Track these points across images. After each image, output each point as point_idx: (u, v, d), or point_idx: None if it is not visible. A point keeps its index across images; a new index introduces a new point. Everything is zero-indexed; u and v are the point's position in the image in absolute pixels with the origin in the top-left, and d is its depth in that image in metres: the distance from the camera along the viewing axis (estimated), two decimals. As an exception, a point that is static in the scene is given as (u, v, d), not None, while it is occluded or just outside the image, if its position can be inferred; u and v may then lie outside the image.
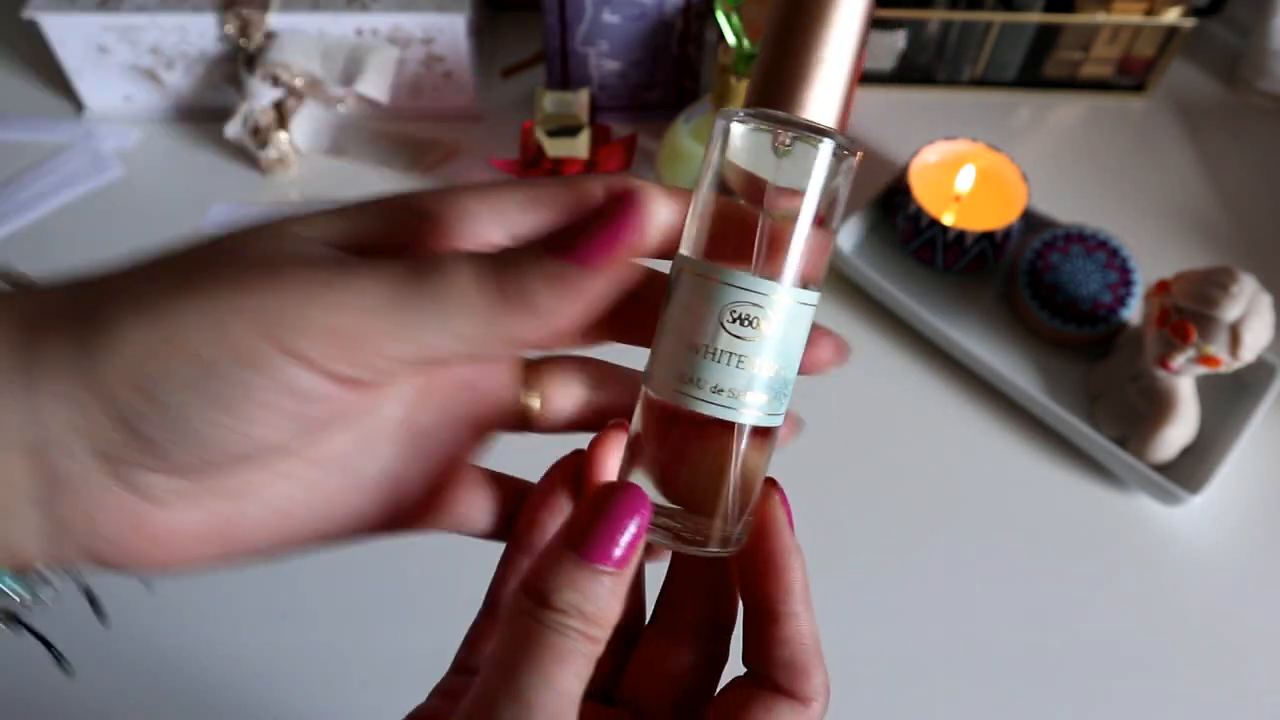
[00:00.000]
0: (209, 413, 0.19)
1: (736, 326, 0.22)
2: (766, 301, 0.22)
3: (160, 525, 0.20)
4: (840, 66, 0.22)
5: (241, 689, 0.50)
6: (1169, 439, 0.56)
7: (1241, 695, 0.51)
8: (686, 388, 0.22)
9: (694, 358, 0.22)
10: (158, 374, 0.18)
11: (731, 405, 0.22)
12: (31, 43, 0.73)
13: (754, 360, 0.22)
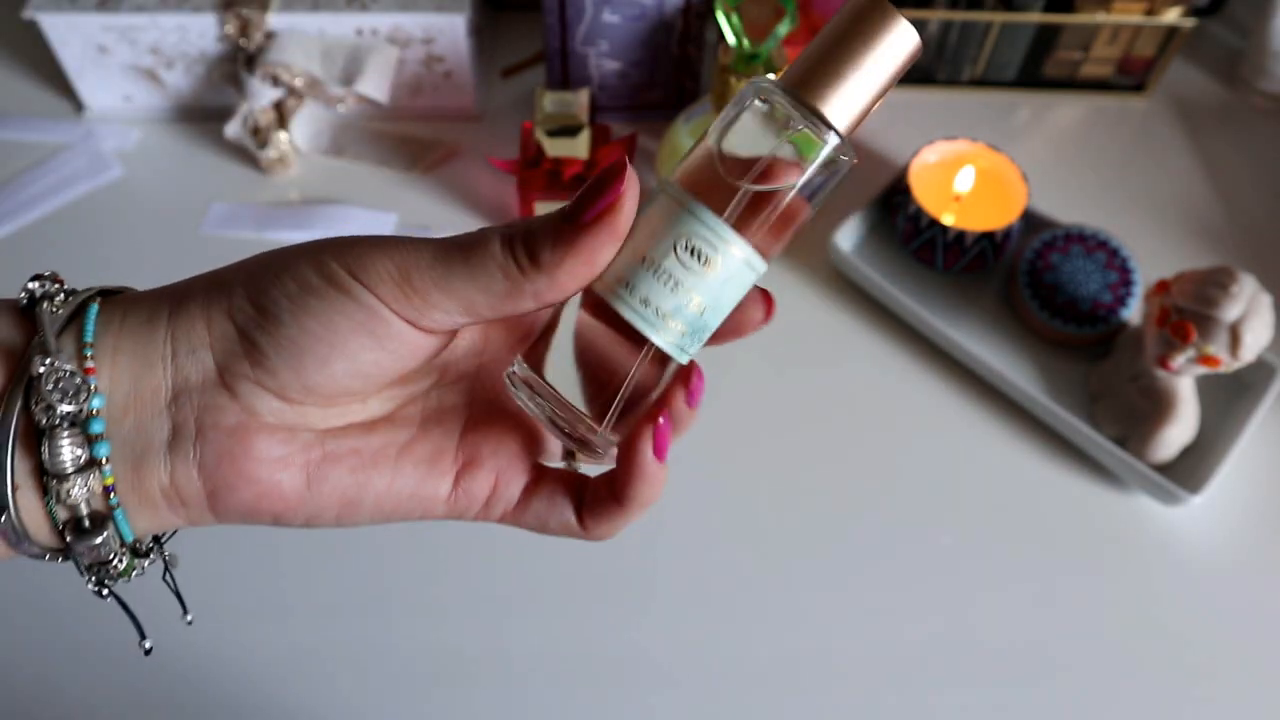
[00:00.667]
0: (306, 322, 0.23)
1: (686, 255, 0.24)
2: (722, 247, 0.24)
3: (257, 446, 0.24)
4: (870, 87, 0.24)
5: (241, 689, 0.50)
6: (1169, 439, 0.56)
7: (1241, 695, 0.51)
8: (622, 290, 0.24)
9: (639, 268, 0.24)
10: (271, 290, 0.24)
11: (651, 321, 0.24)
12: (32, 43, 0.73)
13: (688, 290, 0.24)
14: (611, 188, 0.23)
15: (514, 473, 0.27)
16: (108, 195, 0.69)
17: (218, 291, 0.24)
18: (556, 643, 0.51)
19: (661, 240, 0.24)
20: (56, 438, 0.23)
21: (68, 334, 0.24)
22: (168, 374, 0.24)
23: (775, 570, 0.54)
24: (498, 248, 0.24)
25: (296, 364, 0.24)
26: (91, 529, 0.24)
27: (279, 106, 0.69)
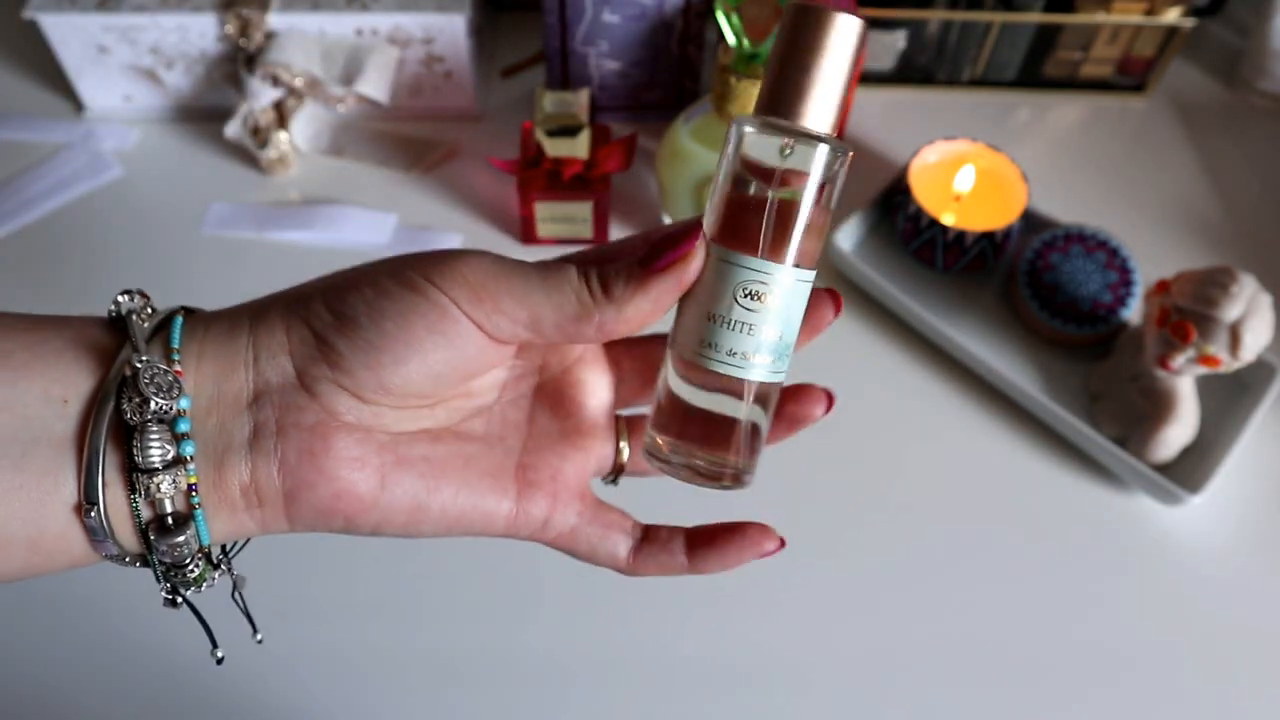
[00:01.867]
0: (381, 323, 0.25)
1: (746, 300, 0.27)
2: (771, 280, 0.27)
3: (335, 443, 0.25)
4: (835, 83, 0.26)
5: (242, 689, 0.50)
6: (1169, 439, 0.56)
7: (1241, 695, 0.51)
8: (707, 351, 0.27)
9: (713, 326, 0.27)
10: (349, 297, 0.26)
11: (742, 365, 0.27)
12: (32, 43, 0.73)
13: (760, 328, 0.27)
14: (686, 242, 0.26)
15: (570, 498, 0.29)
16: (108, 195, 0.70)
17: (296, 303, 0.26)
18: (557, 643, 0.51)
19: (721, 296, 0.27)
20: (147, 433, 0.24)
21: (155, 342, 0.25)
22: (249, 377, 0.26)
23: (774, 570, 0.54)
24: (574, 273, 0.26)
25: (374, 363, 0.25)
26: (174, 527, 0.25)
27: (279, 106, 0.69)
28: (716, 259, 0.27)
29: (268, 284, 0.67)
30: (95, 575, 0.53)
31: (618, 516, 0.31)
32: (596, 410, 0.31)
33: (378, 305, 0.25)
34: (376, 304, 0.25)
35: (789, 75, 0.26)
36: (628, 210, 0.70)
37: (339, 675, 0.50)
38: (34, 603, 0.52)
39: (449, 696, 0.50)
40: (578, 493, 0.30)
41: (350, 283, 0.26)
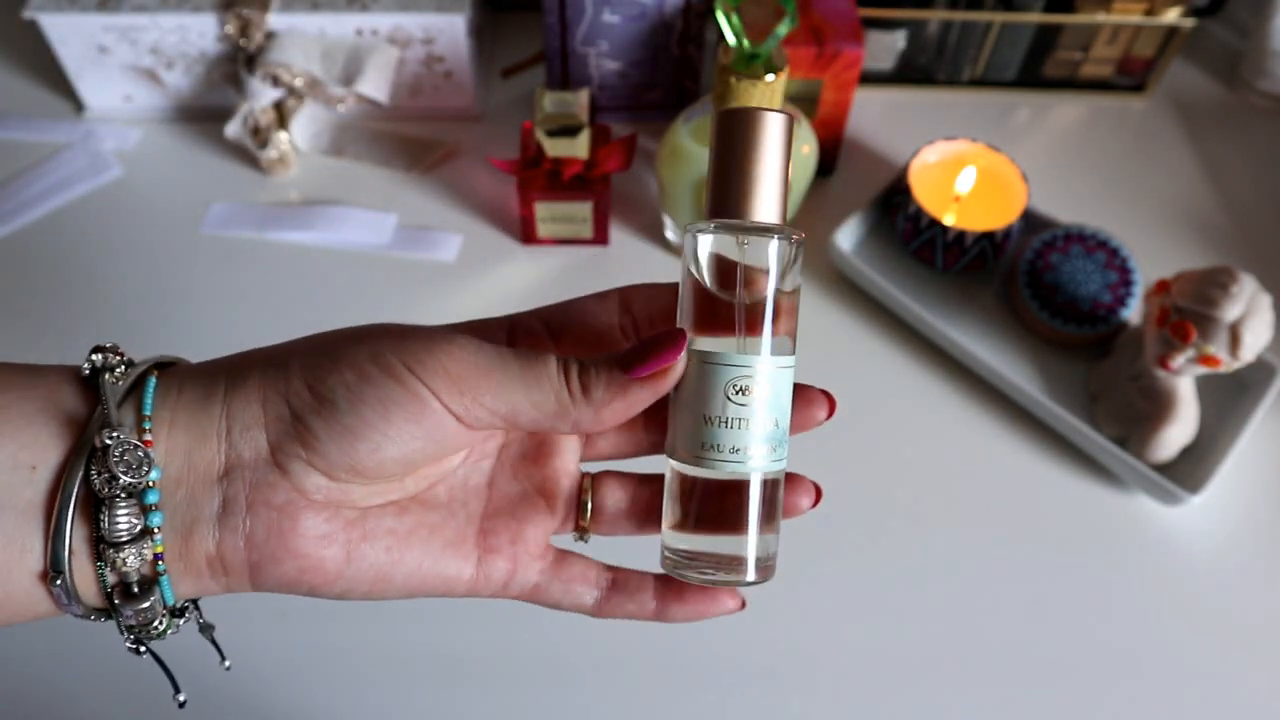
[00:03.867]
0: (360, 409, 0.25)
1: (736, 396, 0.27)
2: (757, 372, 0.27)
3: (303, 522, 0.26)
4: (775, 176, 0.27)
5: (242, 689, 0.50)
6: (1169, 439, 0.56)
7: (1241, 695, 0.51)
8: (710, 454, 0.27)
9: (709, 428, 0.27)
10: (330, 378, 0.25)
11: (743, 461, 0.27)
12: (32, 42, 0.73)
13: (753, 421, 0.27)
14: (668, 353, 0.27)
15: (530, 559, 0.30)
16: (108, 195, 0.70)
17: (274, 371, 0.26)
18: (557, 643, 0.51)
19: (711, 397, 0.27)
20: (115, 507, 0.24)
21: (127, 405, 0.25)
22: (221, 449, 0.25)
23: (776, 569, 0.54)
24: (555, 369, 0.27)
25: (349, 448, 0.25)
26: (139, 594, 0.25)
27: (279, 106, 0.69)
28: (698, 360, 0.27)
29: (268, 284, 0.68)
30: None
31: (581, 568, 0.30)
32: (559, 470, 0.31)
33: (358, 390, 0.25)
34: (357, 389, 0.25)
35: (731, 177, 0.27)
36: (628, 210, 0.70)
37: (339, 675, 0.50)
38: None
39: (449, 696, 0.50)
40: (538, 553, 0.30)
41: (331, 361, 0.26)
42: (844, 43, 0.63)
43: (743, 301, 0.27)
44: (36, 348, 0.62)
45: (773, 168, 0.27)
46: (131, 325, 0.63)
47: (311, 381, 0.25)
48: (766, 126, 0.27)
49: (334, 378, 0.25)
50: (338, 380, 0.25)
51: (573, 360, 0.27)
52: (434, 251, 0.67)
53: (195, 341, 0.62)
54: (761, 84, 0.53)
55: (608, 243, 0.68)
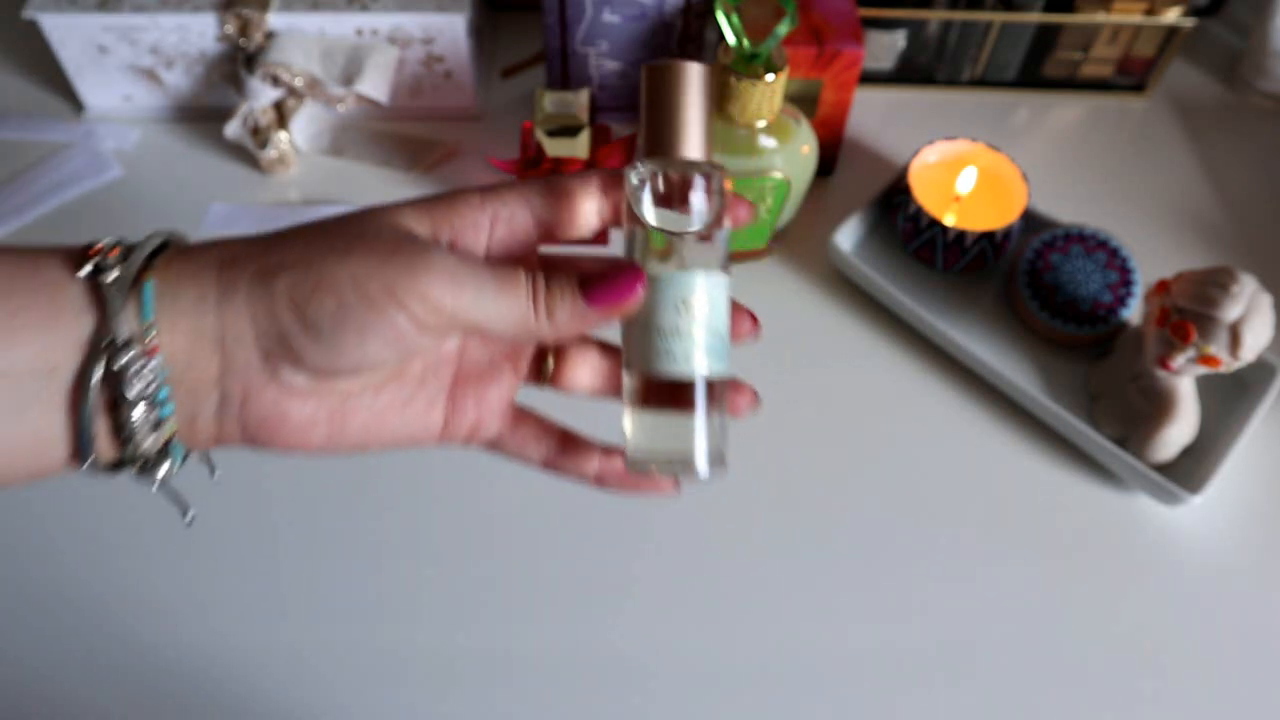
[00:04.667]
0: (340, 334, 0.28)
1: (682, 308, 0.31)
2: (695, 289, 0.31)
3: (291, 411, 0.29)
4: (696, 118, 0.31)
5: (242, 689, 0.50)
6: (1169, 439, 0.56)
7: (1241, 695, 0.51)
8: (657, 360, 0.31)
9: (658, 338, 0.31)
10: (311, 305, 0.28)
11: (689, 365, 0.31)
12: (31, 42, 0.73)
13: (696, 329, 0.31)
14: (626, 289, 0.30)
15: (493, 417, 0.34)
16: (107, 195, 0.70)
17: (262, 290, 0.28)
18: (557, 643, 0.51)
19: (659, 311, 0.31)
20: (132, 408, 0.27)
21: (129, 309, 0.28)
22: (216, 354, 0.28)
23: (774, 570, 0.54)
24: (524, 293, 0.29)
25: (331, 362, 0.28)
26: (153, 466, 0.29)
27: (279, 106, 0.69)
28: (647, 280, 0.31)
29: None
30: (95, 575, 0.53)
31: (536, 428, 0.34)
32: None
33: (339, 317, 0.28)
34: (338, 317, 0.28)
35: (658, 121, 0.31)
36: (628, 210, 0.70)
37: (339, 675, 0.50)
38: (34, 602, 0.52)
39: (449, 696, 0.50)
40: (501, 411, 0.34)
41: (315, 282, 0.28)
42: (844, 43, 0.63)
43: (682, 229, 0.31)
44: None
45: (694, 111, 0.31)
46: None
47: (297, 303, 0.28)
48: (687, 76, 0.31)
49: (315, 304, 0.28)
50: (319, 307, 0.28)
51: (540, 281, 0.30)
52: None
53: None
54: (761, 84, 0.53)
55: (608, 242, 0.68)
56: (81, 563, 0.53)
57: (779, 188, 0.58)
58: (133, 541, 0.54)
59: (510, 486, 0.56)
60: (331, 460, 0.57)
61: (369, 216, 0.30)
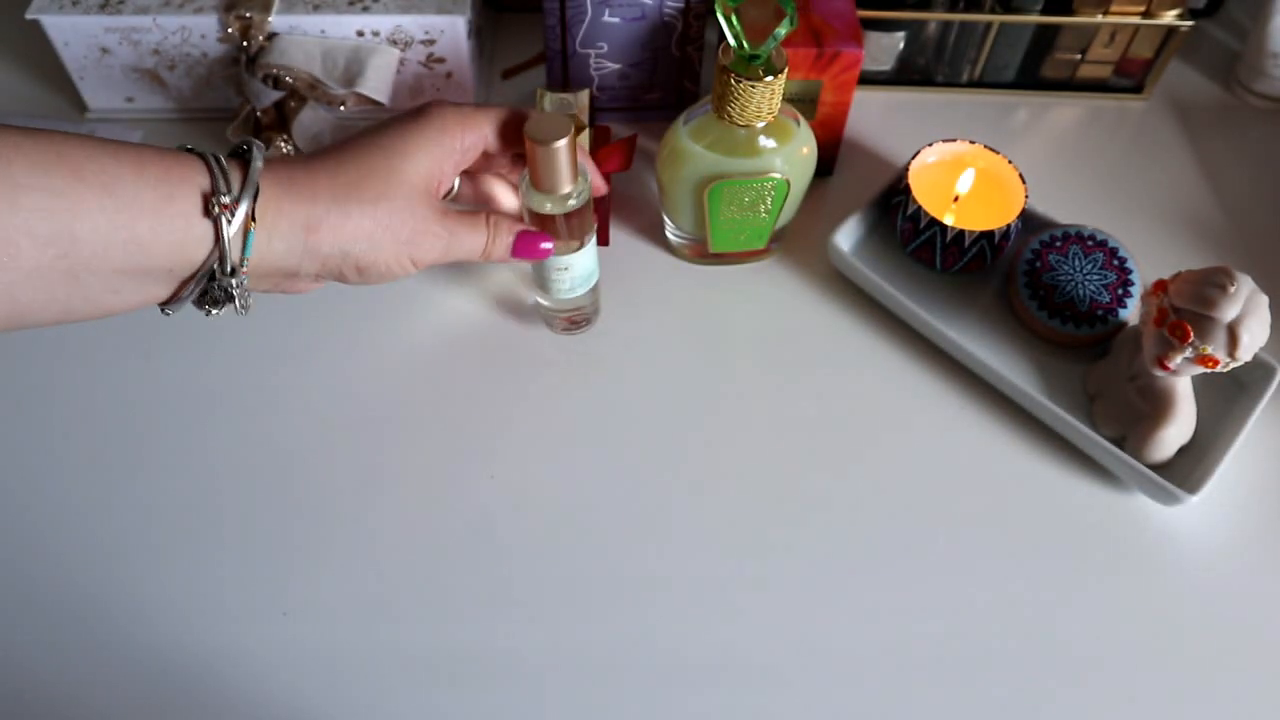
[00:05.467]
0: (363, 281, 0.46)
1: (563, 268, 0.56)
2: (572, 260, 0.55)
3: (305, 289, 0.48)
4: (565, 167, 0.49)
5: (242, 689, 0.50)
6: (1167, 439, 0.56)
7: (1240, 695, 0.51)
8: (553, 292, 0.58)
9: (551, 282, 0.57)
10: (345, 269, 0.45)
11: (570, 294, 0.58)
12: (34, 44, 0.74)
13: (570, 275, 0.57)
14: (540, 251, 0.52)
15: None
16: (109, 196, 0.70)
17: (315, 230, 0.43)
18: (557, 643, 0.52)
19: (549, 269, 0.56)
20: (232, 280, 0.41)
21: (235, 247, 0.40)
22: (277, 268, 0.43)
23: (771, 568, 0.55)
24: (484, 236, 0.49)
25: (347, 271, 0.45)
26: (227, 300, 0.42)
27: (280, 107, 0.69)
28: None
29: (269, 284, 0.67)
30: (96, 575, 0.53)
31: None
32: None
33: (363, 276, 0.46)
34: (363, 275, 0.46)
35: (540, 170, 0.49)
36: (628, 211, 0.70)
37: (339, 675, 0.50)
38: (34, 602, 0.52)
39: (448, 696, 0.50)
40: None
41: (345, 253, 0.44)
42: (843, 44, 0.63)
43: (559, 220, 0.51)
44: (38, 347, 0.62)
45: (564, 165, 0.48)
46: (132, 324, 0.63)
47: (332, 267, 0.44)
48: (558, 149, 0.47)
49: (347, 269, 0.45)
50: (349, 272, 0.45)
51: (493, 231, 0.49)
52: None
53: (196, 340, 0.62)
54: (761, 85, 0.53)
55: (608, 243, 0.68)
56: (82, 562, 0.54)
57: (779, 188, 0.59)
58: (133, 541, 0.54)
59: (511, 485, 0.57)
60: (332, 460, 0.57)
61: (394, 171, 0.44)
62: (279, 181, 0.41)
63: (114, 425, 0.59)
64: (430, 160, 0.45)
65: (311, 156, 0.44)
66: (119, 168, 0.36)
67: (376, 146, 0.44)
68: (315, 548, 0.54)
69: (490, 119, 0.48)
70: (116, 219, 0.36)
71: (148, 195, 0.37)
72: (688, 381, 0.61)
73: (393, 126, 0.45)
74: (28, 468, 0.57)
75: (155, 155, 0.38)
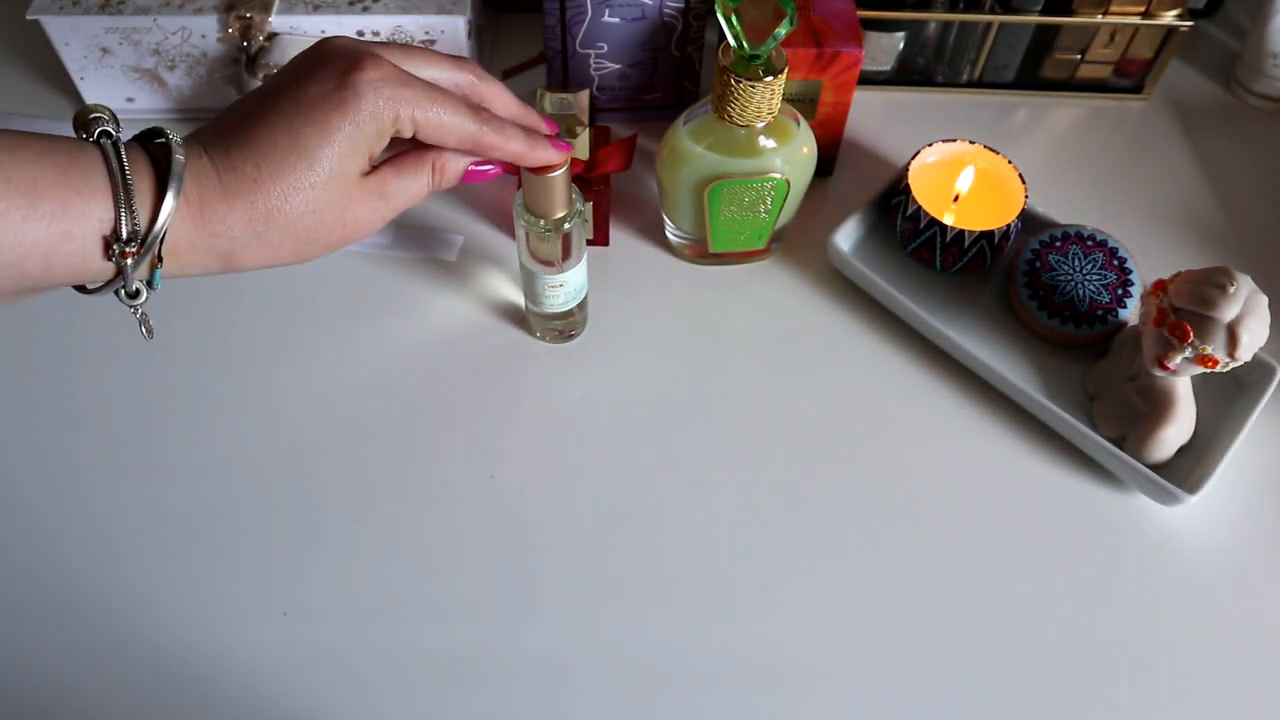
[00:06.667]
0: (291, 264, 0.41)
1: (555, 286, 0.57)
2: (565, 279, 0.57)
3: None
4: (561, 194, 0.51)
5: (242, 689, 0.50)
6: (1166, 439, 0.56)
7: (1240, 695, 0.51)
8: (546, 306, 0.59)
9: (543, 299, 0.59)
10: (269, 261, 0.40)
11: (563, 305, 0.59)
12: (34, 44, 0.74)
13: (563, 291, 0.58)
14: (487, 173, 0.47)
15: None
16: (110, 196, 0.70)
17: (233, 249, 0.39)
18: (557, 643, 0.52)
19: (539, 286, 0.58)
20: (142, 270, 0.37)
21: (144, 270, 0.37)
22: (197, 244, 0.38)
23: (774, 570, 0.55)
24: (425, 183, 0.44)
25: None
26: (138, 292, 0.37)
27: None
28: (538, 274, 0.56)
29: (267, 284, 0.67)
30: (97, 574, 0.53)
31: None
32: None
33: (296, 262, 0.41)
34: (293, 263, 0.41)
35: (538, 198, 0.51)
36: (628, 211, 0.70)
37: (339, 675, 0.50)
38: (35, 602, 0.52)
39: (449, 696, 0.50)
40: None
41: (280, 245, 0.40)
42: (843, 44, 0.63)
43: (554, 248, 0.54)
44: (38, 347, 0.62)
45: (559, 192, 0.50)
46: (133, 324, 0.63)
47: (258, 266, 0.40)
48: (554, 181, 0.49)
49: (274, 266, 0.40)
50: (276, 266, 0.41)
51: (439, 170, 0.44)
52: (434, 251, 0.67)
53: (197, 341, 0.62)
54: (761, 85, 0.53)
55: (608, 243, 0.68)
56: (83, 562, 0.54)
57: (778, 188, 0.59)
58: (134, 541, 0.54)
59: (512, 485, 0.57)
60: (332, 461, 0.57)
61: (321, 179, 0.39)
62: (192, 210, 0.36)
63: (115, 426, 0.59)
64: (358, 156, 0.40)
65: (226, 159, 0.37)
66: (7, 201, 0.32)
67: (296, 146, 0.38)
68: (315, 548, 0.54)
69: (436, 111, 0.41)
70: (4, 256, 0.33)
71: (40, 233, 0.33)
72: (687, 381, 0.61)
73: (315, 113, 0.38)
74: (28, 468, 0.57)
75: (52, 181, 0.33)
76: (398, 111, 0.39)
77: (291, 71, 0.40)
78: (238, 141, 0.38)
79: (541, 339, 0.62)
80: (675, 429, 0.59)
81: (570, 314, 0.60)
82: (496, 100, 0.47)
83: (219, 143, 0.38)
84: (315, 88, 0.38)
